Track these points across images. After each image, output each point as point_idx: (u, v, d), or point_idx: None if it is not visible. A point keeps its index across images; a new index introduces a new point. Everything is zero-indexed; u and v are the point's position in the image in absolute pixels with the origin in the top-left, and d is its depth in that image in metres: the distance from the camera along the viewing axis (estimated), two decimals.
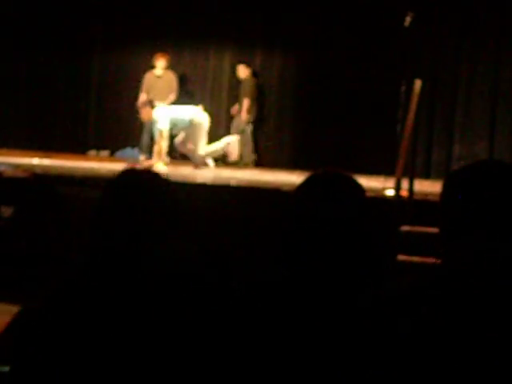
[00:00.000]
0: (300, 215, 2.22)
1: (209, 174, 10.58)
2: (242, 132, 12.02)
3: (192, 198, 7.48)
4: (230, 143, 11.17)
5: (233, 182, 9.12)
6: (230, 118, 12.50)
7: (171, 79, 12.17)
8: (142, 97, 11.89)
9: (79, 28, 13.52)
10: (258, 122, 12.61)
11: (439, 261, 2.00)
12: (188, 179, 9.41)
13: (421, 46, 10.71)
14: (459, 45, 11.83)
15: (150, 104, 10.98)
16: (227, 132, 12.39)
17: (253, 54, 12.93)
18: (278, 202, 7.07)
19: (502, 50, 11.64)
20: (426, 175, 11.56)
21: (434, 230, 2.17)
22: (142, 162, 11.59)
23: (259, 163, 12.34)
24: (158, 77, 12.17)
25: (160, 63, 12.15)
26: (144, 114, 11.00)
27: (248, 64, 12.38)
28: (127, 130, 13.55)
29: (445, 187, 2.11)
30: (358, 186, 2.27)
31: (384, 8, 11.67)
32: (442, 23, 11.68)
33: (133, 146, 13.25)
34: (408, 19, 8.47)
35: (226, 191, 8.26)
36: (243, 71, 12.35)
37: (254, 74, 12.47)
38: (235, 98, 12.66)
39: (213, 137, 11.27)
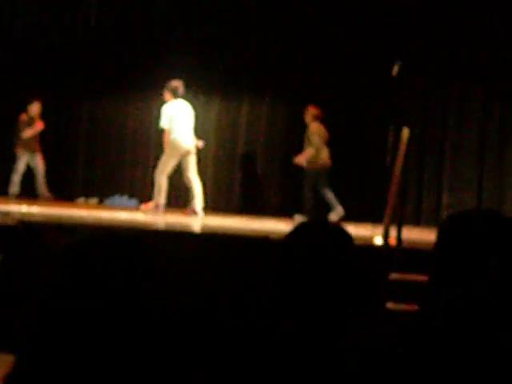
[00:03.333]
0: (289, 265, 2.22)
1: (194, 222, 10.58)
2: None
3: (178, 247, 7.45)
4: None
5: (220, 230, 9.09)
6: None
7: (310, 133, 11.90)
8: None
9: (67, 75, 13.57)
10: (245, 168, 12.63)
11: (419, 308, 1.99)
12: (173, 228, 9.40)
13: (409, 94, 10.78)
14: (447, 93, 11.92)
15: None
16: (214, 174, 12.46)
17: (240, 102, 12.98)
18: (266, 250, 7.05)
19: (489, 99, 11.74)
20: (416, 223, 11.58)
21: (423, 277, 2.16)
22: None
23: (245, 210, 12.32)
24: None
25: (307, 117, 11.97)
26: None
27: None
28: (116, 178, 13.54)
29: (438, 236, 2.11)
30: (346, 235, 2.27)
31: (372, 57, 11.76)
32: (430, 72, 11.79)
33: (121, 194, 13.22)
34: (396, 68, 8.53)
35: (214, 239, 8.23)
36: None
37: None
38: (223, 143, 12.82)
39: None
